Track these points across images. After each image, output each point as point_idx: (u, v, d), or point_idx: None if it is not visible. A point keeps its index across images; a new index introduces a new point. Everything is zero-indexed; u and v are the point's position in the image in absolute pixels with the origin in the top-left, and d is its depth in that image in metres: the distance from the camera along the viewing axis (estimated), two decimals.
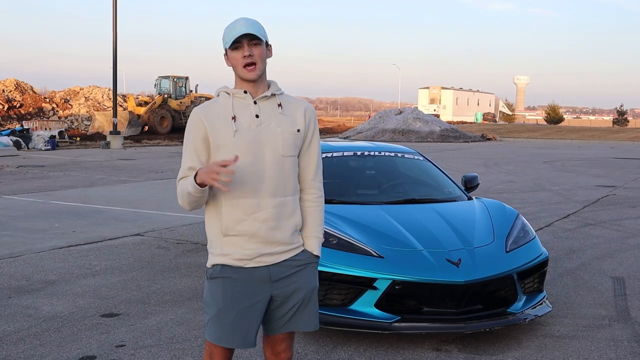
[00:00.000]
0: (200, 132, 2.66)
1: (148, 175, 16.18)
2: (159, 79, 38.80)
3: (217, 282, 2.68)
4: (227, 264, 2.66)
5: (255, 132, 2.65)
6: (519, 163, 22.09)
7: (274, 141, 2.66)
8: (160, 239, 8.12)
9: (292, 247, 2.72)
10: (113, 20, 28.44)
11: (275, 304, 2.72)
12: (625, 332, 4.91)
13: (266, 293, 2.68)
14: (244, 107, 2.67)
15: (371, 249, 4.66)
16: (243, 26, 2.60)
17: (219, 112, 2.67)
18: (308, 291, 2.75)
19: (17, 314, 5.14)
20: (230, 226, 2.64)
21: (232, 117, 2.64)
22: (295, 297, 2.72)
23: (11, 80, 44.50)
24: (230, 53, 2.63)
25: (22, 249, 7.42)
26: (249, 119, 2.66)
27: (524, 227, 5.35)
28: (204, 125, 2.65)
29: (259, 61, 2.63)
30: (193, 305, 5.38)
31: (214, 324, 2.69)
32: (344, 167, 6.44)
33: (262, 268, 2.67)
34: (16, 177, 15.22)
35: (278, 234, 2.67)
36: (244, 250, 2.65)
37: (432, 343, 4.58)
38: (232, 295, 2.65)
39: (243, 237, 2.64)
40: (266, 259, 2.67)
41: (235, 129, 2.63)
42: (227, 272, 2.67)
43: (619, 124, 75.52)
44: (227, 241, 2.66)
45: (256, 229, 2.63)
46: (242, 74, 2.64)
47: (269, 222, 2.64)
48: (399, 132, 40.29)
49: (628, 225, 9.63)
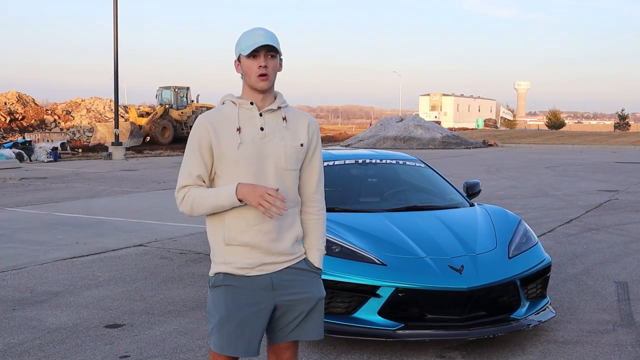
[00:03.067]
0: (206, 140, 2.66)
1: (150, 186, 16.20)
2: (160, 89, 38.87)
3: (220, 290, 2.69)
4: (229, 272, 2.68)
5: (259, 145, 2.67)
6: (520, 169, 22.09)
7: (277, 155, 2.68)
8: (164, 249, 8.13)
9: (294, 256, 2.74)
10: (114, 32, 28.57)
11: (280, 312, 2.72)
12: (630, 337, 4.90)
13: (269, 301, 2.69)
14: (250, 118, 2.69)
15: (374, 256, 4.67)
16: (262, 37, 2.63)
17: (225, 122, 2.68)
18: (313, 301, 2.76)
19: (21, 326, 5.15)
20: (233, 236, 2.66)
21: (237, 128, 2.66)
22: (300, 306, 2.73)
23: (13, 93, 44.62)
24: (246, 61, 2.65)
25: (25, 261, 7.43)
26: (253, 131, 2.68)
27: (527, 232, 5.35)
28: (210, 134, 2.66)
29: (272, 73, 2.67)
30: (197, 315, 5.39)
31: (217, 333, 2.70)
32: (345, 175, 6.45)
33: (264, 276, 2.68)
34: (19, 189, 15.25)
35: (279, 245, 2.69)
36: (245, 259, 2.66)
37: (435, 350, 4.58)
38: (234, 303, 2.66)
39: (245, 247, 2.66)
40: (268, 267, 2.68)
41: (239, 140, 2.64)
42: (229, 281, 2.68)
43: (620, 129, 75.48)
44: (229, 250, 2.68)
45: (258, 241, 2.65)
46: (254, 83, 2.66)
47: (270, 234, 2.67)
48: (400, 140, 40.33)
49: (631, 229, 9.62)
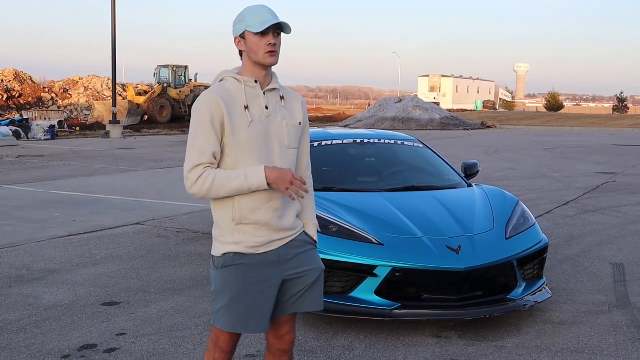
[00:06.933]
0: (219, 116, 2.60)
1: (148, 165, 16.16)
2: (158, 68, 38.64)
3: (230, 270, 2.69)
4: (239, 252, 2.68)
5: (265, 124, 2.68)
6: (519, 150, 22.07)
7: (281, 133, 2.71)
8: (161, 228, 8.12)
9: (295, 230, 2.79)
10: (112, 9, 28.33)
11: (286, 286, 2.76)
12: (625, 318, 4.92)
13: (278, 276, 2.72)
14: (255, 97, 2.69)
15: (371, 236, 4.66)
16: (270, 15, 2.62)
17: (233, 99, 2.66)
18: (316, 273, 2.81)
19: (18, 303, 5.15)
20: (245, 215, 2.66)
21: (245, 106, 2.65)
22: (305, 279, 2.77)
23: (10, 70, 44.32)
24: (253, 37, 2.63)
25: (22, 239, 7.43)
26: (259, 109, 2.68)
27: (524, 214, 5.35)
28: (222, 109, 2.61)
29: (279, 51, 2.68)
30: (193, 294, 5.39)
31: (227, 312, 2.69)
32: (343, 154, 6.43)
33: (272, 252, 2.71)
34: (16, 167, 15.21)
35: (285, 221, 2.73)
36: (255, 237, 2.68)
37: (432, 330, 4.59)
38: (245, 283, 2.67)
39: (255, 225, 2.67)
40: (275, 243, 2.72)
41: (250, 119, 2.64)
42: (240, 259, 2.68)
43: (619, 111, 75.50)
44: (239, 229, 2.68)
45: (269, 218, 2.68)
46: (262, 59, 2.64)
47: (278, 211, 2.71)
48: (399, 121, 40.22)
49: (628, 211, 9.63)
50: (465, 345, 4.35)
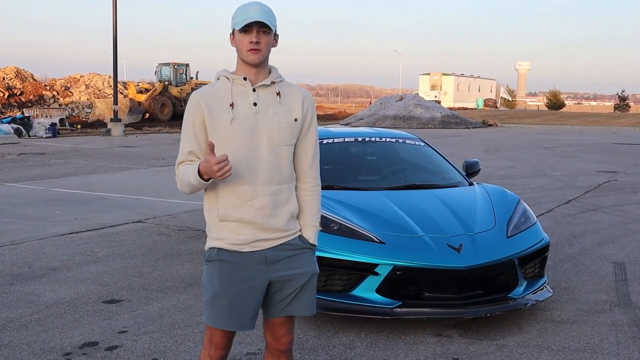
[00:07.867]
0: (199, 116, 2.67)
1: (149, 163, 16.17)
2: (160, 66, 38.64)
3: (214, 265, 2.71)
4: (223, 248, 2.69)
5: (252, 120, 2.66)
6: (520, 149, 22.05)
7: (271, 130, 2.68)
8: (162, 226, 8.13)
9: (288, 233, 2.74)
10: (113, 8, 28.32)
11: (274, 288, 2.73)
12: (626, 316, 4.92)
13: (264, 277, 2.70)
14: (243, 94, 2.68)
15: (372, 234, 4.66)
16: (256, 12, 2.60)
17: (218, 98, 2.67)
18: (308, 277, 2.77)
19: (20, 300, 5.16)
20: (227, 212, 2.67)
21: (230, 104, 2.65)
22: (294, 282, 2.73)
23: (11, 68, 44.31)
24: (238, 35, 2.63)
25: (24, 236, 7.43)
26: (246, 106, 2.67)
27: (525, 212, 5.35)
28: (202, 110, 2.66)
29: (264, 49, 2.64)
30: (194, 292, 5.39)
31: (211, 307, 2.72)
32: (345, 153, 6.43)
33: (258, 252, 2.69)
34: (17, 165, 15.22)
35: (274, 221, 2.69)
36: (239, 235, 2.67)
37: (433, 328, 4.59)
38: (227, 279, 2.68)
39: (239, 223, 2.67)
40: (261, 244, 2.69)
41: (232, 116, 2.64)
42: (223, 256, 2.69)
43: (620, 110, 75.30)
44: (223, 226, 2.69)
45: (252, 217, 2.66)
46: (245, 56, 2.64)
47: (264, 210, 2.67)
48: (400, 119, 40.19)
49: (629, 210, 9.63)
50: (466, 343, 4.35)
